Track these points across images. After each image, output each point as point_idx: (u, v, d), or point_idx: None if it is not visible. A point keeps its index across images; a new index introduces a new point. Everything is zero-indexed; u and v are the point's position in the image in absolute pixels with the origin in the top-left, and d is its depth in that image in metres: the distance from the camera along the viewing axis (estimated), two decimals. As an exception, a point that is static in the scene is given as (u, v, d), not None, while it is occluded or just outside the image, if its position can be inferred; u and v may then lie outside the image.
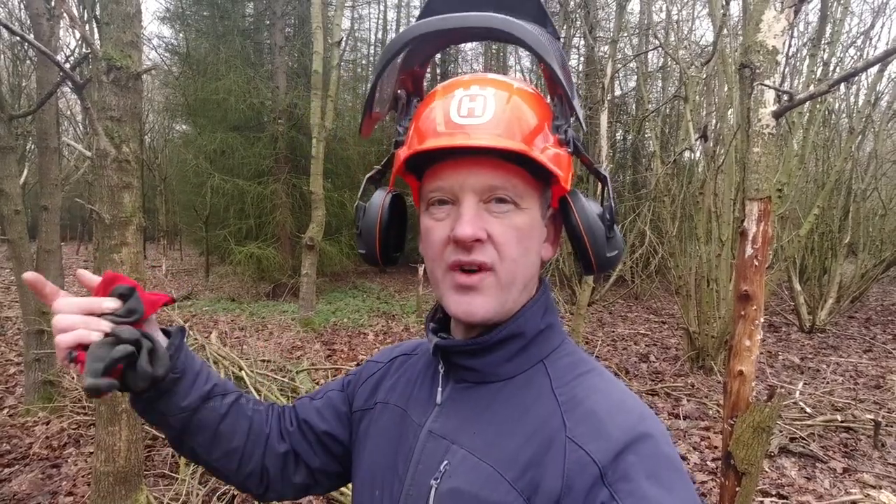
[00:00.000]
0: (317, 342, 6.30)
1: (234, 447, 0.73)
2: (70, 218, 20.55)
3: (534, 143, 0.58)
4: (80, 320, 0.58)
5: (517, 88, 0.61)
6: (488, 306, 0.59)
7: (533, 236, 0.61)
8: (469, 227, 0.57)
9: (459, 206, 0.59)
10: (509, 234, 0.59)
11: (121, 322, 0.61)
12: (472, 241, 0.57)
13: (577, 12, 9.12)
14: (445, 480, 0.58)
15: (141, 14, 2.33)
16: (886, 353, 5.91)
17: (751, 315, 1.68)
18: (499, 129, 0.56)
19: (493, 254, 0.58)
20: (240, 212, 9.48)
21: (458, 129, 0.57)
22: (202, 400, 0.70)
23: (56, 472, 3.03)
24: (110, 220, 2.25)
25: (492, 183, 0.58)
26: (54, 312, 0.59)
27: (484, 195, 0.58)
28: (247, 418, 0.75)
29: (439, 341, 0.65)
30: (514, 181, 0.59)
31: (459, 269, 0.59)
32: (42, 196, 4.60)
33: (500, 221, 0.59)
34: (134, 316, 0.62)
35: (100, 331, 0.58)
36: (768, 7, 1.68)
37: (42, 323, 3.80)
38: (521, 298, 0.62)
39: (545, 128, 0.59)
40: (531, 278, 0.63)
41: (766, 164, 1.66)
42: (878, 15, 7.03)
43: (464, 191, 0.59)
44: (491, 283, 0.59)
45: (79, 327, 0.58)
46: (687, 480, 0.53)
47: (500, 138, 0.56)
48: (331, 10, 9.11)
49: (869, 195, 8.26)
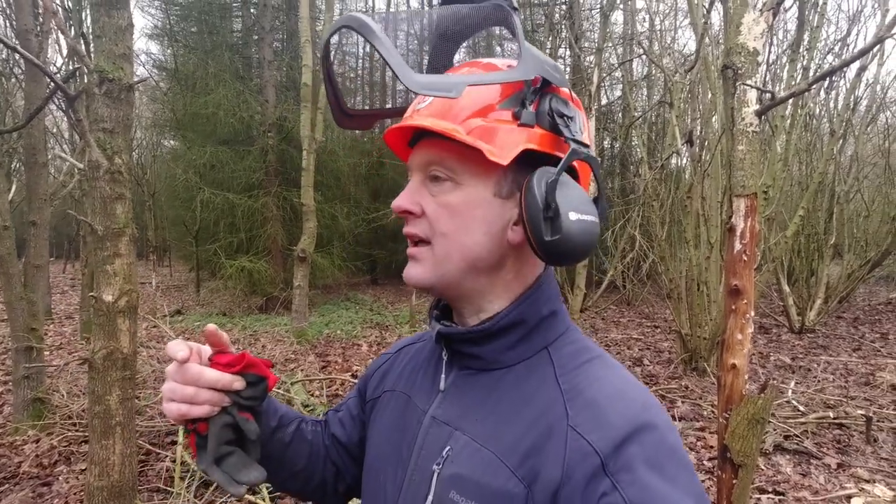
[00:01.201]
0: (311, 354, 6.26)
1: (297, 470, 0.78)
2: (56, 236, 20.30)
3: (472, 119, 0.58)
4: (210, 398, 0.61)
5: (484, 64, 0.62)
6: (421, 276, 0.63)
7: (473, 214, 0.60)
8: (399, 200, 0.63)
9: None
10: (439, 210, 0.61)
11: (243, 405, 0.63)
12: (400, 212, 0.64)
13: (563, 23, 9.28)
14: (447, 466, 0.59)
15: (133, 27, 2.35)
16: (875, 351, 6.00)
17: (741, 309, 1.71)
18: (431, 109, 0.60)
19: (427, 227, 0.62)
20: (230, 225, 9.44)
21: (412, 113, 0.64)
22: (270, 434, 0.73)
23: (47, 491, 2.97)
24: (103, 231, 2.24)
25: (427, 160, 0.62)
26: (184, 378, 0.60)
27: (425, 172, 0.63)
28: (307, 442, 0.79)
29: (442, 328, 0.65)
30: (446, 158, 0.61)
31: (410, 240, 0.65)
32: (30, 212, 4.57)
33: (434, 198, 0.62)
34: (254, 402, 0.64)
35: (221, 407, 0.62)
36: (748, 10, 1.73)
37: (31, 340, 3.75)
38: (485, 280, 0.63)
39: (497, 105, 0.59)
40: (479, 257, 0.61)
41: (750, 161, 1.71)
42: (854, 22, 7.26)
43: (412, 168, 0.65)
44: (426, 256, 0.63)
45: (206, 405, 0.61)
46: (690, 470, 0.52)
47: (427, 118, 0.60)
48: (319, 24, 9.21)
49: (852, 197, 8.43)
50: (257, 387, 0.64)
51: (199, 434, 0.61)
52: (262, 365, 0.65)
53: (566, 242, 0.55)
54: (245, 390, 0.63)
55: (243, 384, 0.63)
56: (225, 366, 0.62)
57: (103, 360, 2.25)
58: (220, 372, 0.61)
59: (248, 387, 0.63)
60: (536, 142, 0.59)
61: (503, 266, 0.63)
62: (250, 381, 0.63)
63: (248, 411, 0.64)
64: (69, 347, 6.43)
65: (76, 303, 9.08)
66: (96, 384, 2.26)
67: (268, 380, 0.65)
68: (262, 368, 0.65)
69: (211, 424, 0.60)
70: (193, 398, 0.60)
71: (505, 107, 0.59)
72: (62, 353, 6.15)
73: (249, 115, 9.33)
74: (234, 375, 0.62)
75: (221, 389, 0.61)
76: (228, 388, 0.61)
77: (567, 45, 9.49)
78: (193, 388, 0.60)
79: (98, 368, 2.25)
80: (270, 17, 9.95)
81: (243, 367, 0.63)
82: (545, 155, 0.60)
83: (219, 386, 0.61)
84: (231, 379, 0.62)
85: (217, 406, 0.61)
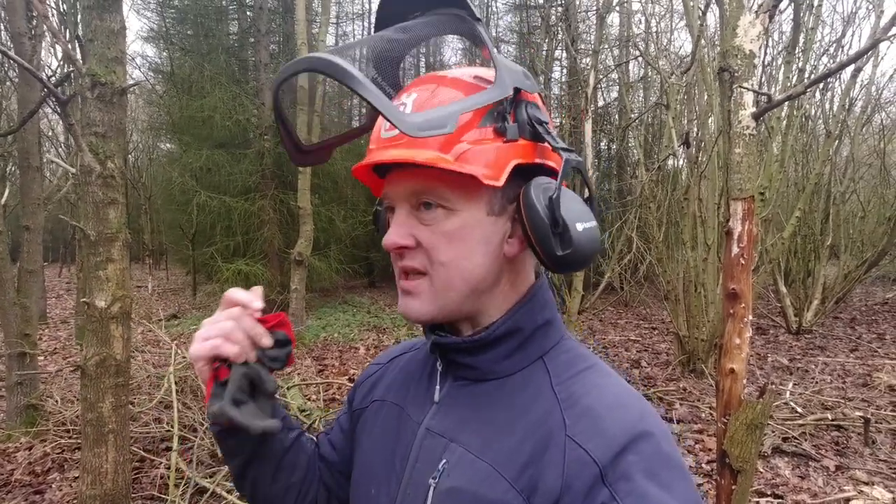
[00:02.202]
0: (307, 357, 6.23)
1: (293, 482, 0.75)
2: (52, 240, 20.20)
3: (457, 141, 0.55)
4: (245, 340, 0.63)
5: (444, 85, 0.59)
6: (423, 309, 0.61)
7: (472, 237, 0.59)
8: (392, 236, 0.60)
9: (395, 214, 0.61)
10: (436, 239, 0.59)
11: (267, 364, 0.65)
12: (396, 249, 0.60)
13: (559, 25, 9.30)
14: (444, 479, 0.58)
15: (125, 30, 2.33)
16: (872, 351, 6.00)
17: (739, 313, 1.70)
18: (405, 138, 0.55)
19: (424, 259, 0.59)
20: (227, 229, 9.39)
21: (381, 144, 0.60)
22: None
23: (40, 499, 2.94)
24: (96, 236, 2.22)
25: (415, 189, 0.59)
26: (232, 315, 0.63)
27: (412, 202, 0.60)
28: (306, 454, 0.78)
29: (437, 338, 0.64)
30: (436, 186, 0.58)
31: (404, 273, 0.62)
32: (24, 216, 4.53)
33: (429, 228, 0.59)
34: (277, 364, 0.65)
35: (250, 360, 0.63)
36: (744, 13, 1.73)
37: (24, 345, 3.71)
38: (485, 298, 0.62)
39: (476, 123, 0.56)
40: (483, 278, 0.60)
41: (747, 164, 1.70)
42: (849, 24, 7.26)
43: (397, 199, 0.61)
44: (425, 288, 0.60)
45: (240, 345, 0.62)
46: (688, 479, 0.52)
47: (405, 149, 0.56)
48: (315, 27, 9.20)
49: (848, 198, 8.45)
50: (282, 349, 0.65)
51: (217, 381, 0.62)
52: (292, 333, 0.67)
53: (576, 253, 0.56)
54: (271, 350, 0.64)
55: (272, 342, 0.64)
56: (261, 319, 0.65)
57: (96, 367, 2.23)
58: (257, 323, 0.64)
59: (274, 346, 0.65)
60: (523, 155, 0.58)
61: (500, 280, 0.63)
62: (278, 340, 0.65)
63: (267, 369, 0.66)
64: (64, 352, 6.38)
65: (71, 307, 9.03)
66: (89, 391, 2.24)
67: (292, 345, 0.67)
68: (292, 332, 0.67)
69: (233, 370, 0.62)
70: (229, 334, 0.61)
71: (485, 125, 0.57)
72: (56, 358, 6.10)
73: (245, 118, 9.29)
74: (266, 330, 0.64)
75: (253, 340, 0.63)
76: (258, 341, 0.63)
77: (563, 47, 9.50)
78: (233, 323, 0.62)
79: (91, 375, 2.23)
80: (266, 20, 9.93)
81: (276, 324, 0.65)
82: (531, 165, 0.59)
83: (252, 333, 0.63)
84: (263, 332, 0.64)
85: (244, 355, 0.62)
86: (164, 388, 3.66)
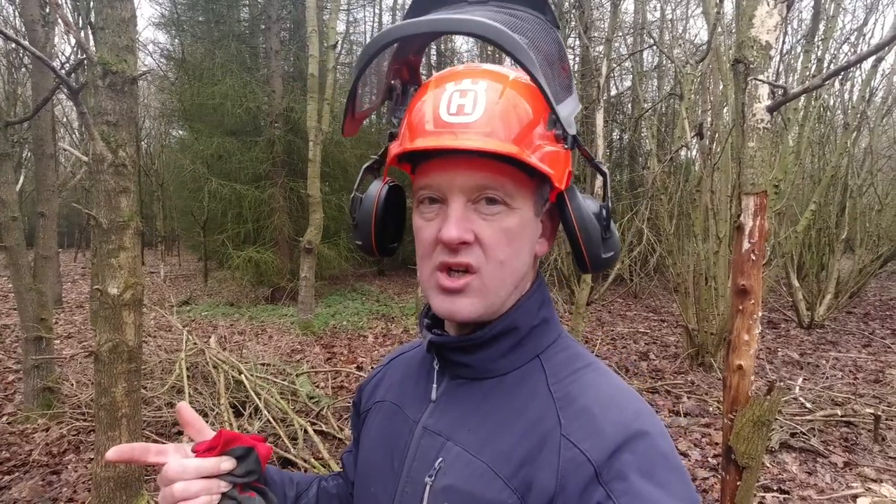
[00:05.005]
0: (316, 345, 6.29)
1: None
2: (67, 225, 20.54)
3: (527, 140, 0.55)
4: (203, 487, 0.58)
5: (512, 80, 0.58)
6: (472, 308, 0.58)
7: (524, 236, 0.59)
8: (455, 230, 0.55)
9: (447, 206, 0.57)
10: (498, 236, 0.57)
11: (239, 482, 0.61)
12: (457, 244, 0.56)
13: (572, 13, 9.14)
14: (440, 478, 0.58)
15: (136, 19, 2.33)
16: (885, 347, 5.92)
17: (749, 309, 1.69)
18: (488, 128, 0.53)
19: (480, 255, 0.57)
20: (237, 216, 9.47)
21: (446, 127, 0.55)
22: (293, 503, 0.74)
23: (56, 479, 3.02)
24: (108, 224, 2.25)
25: (480, 183, 0.56)
26: (169, 478, 0.58)
27: (472, 195, 0.57)
28: (335, 497, 0.79)
29: (433, 337, 0.64)
30: (503, 182, 0.56)
31: (447, 270, 0.58)
32: (39, 202, 4.60)
33: (489, 223, 0.57)
34: (252, 476, 0.62)
35: (219, 493, 0.59)
36: (761, 3, 1.68)
37: (40, 329, 3.79)
38: (513, 296, 0.61)
39: (541, 122, 0.56)
40: (523, 276, 0.61)
41: (761, 158, 1.67)
42: (872, 11, 7.06)
43: (452, 191, 0.57)
44: (476, 286, 0.58)
45: (202, 495, 0.58)
46: (684, 477, 0.52)
47: (489, 139, 0.53)
48: (326, 14, 9.14)
49: (865, 191, 8.28)
50: (248, 459, 0.62)
51: None
52: (247, 437, 0.63)
53: (616, 255, 0.63)
54: (237, 468, 0.61)
55: (233, 463, 0.60)
56: (206, 451, 0.60)
57: (109, 353, 2.27)
58: (202, 458, 0.59)
59: (239, 463, 0.61)
60: (570, 163, 0.61)
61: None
62: (239, 456, 0.61)
63: (250, 489, 0.62)
64: (79, 336, 6.51)
65: (86, 292, 9.18)
66: (102, 376, 2.28)
67: (256, 450, 0.63)
68: (246, 440, 0.62)
69: None
70: (185, 492, 0.57)
71: (549, 129, 0.57)
72: (72, 342, 6.23)
73: (256, 105, 9.31)
74: (217, 457, 0.60)
75: (211, 475, 0.59)
76: (217, 472, 0.59)
77: (576, 35, 9.36)
78: (183, 484, 0.57)
79: (104, 361, 2.27)
80: (277, 7, 9.88)
81: (224, 446, 0.60)
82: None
83: (206, 473, 0.58)
84: (216, 461, 0.59)
85: (216, 493, 0.59)
86: (176, 374, 3.73)
